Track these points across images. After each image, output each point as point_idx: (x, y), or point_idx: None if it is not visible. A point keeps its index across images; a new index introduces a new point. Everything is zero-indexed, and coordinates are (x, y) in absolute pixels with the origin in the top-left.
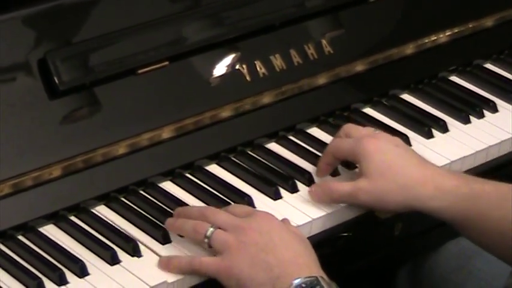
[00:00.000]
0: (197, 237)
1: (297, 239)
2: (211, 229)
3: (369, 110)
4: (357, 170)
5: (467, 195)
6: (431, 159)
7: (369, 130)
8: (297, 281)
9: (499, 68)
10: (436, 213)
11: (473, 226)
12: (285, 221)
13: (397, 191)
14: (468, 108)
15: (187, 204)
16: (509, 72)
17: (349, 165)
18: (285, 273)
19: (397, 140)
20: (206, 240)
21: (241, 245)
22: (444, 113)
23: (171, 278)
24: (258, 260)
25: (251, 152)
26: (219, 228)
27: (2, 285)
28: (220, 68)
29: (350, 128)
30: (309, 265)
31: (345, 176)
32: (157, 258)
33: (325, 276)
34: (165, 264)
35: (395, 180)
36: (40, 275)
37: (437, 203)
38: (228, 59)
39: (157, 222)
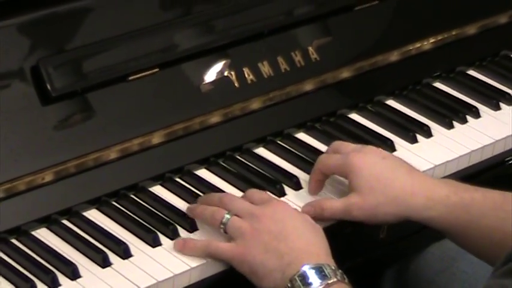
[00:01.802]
0: (214, 224)
1: (310, 228)
2: (228, 216)
3: (354, 116)
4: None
5: (457, 205)
6: (416, 163)
7: (356, 146)
8: (304, 268)
9: (482, 74)
10: (428, 222)
11: (464, 234)
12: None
13: (388, 203)
14: (451, 113)
15: (177, 209)
16: (491, 79)
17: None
18: (295, 261)
19: (384, 153)
20: (222, 226)
21: (255, 232)
22: (428, 118)
23: (160, 277)
24: (271, 247)
25: (240, 156)
26: (236, 215)
27: None
28: (209, 75)
29: (338, 144)
30: (318, 253)
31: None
32: (148, 260)
33: (332, 265)
34: (181, 245)
35: (385, 193)
36: (33, 278)
37: (428, 213)
38: (217, 66)
39: (148, 225)
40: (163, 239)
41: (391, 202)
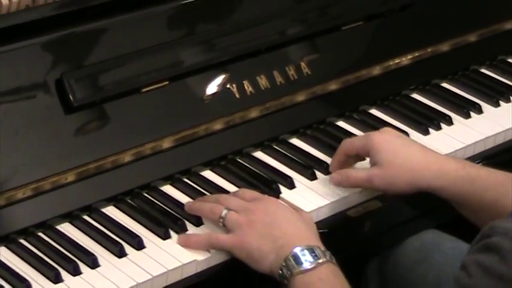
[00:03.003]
0: (214, 218)
1: (299, 217)
2: (225, 211)
3: (341, 123)
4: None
5: (465, 178)
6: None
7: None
8: (296, 249)
9: (454, 86)
10: (438, 191)
11: (469, 204)
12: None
13: (405, 174)
14: (427, 121)
15: (184, 206)
16: (462, 91)
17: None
18: (287, 243)
19: (398, 133)
20: (221, 220)
21: (250, 223)
22: (406, 125)
23: (170, 266)
24: (265, 234)
25: (240, 159)
26: (232, 210)
27: (25, 275)
28: (213, 87)
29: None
30: (308, 237)
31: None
32: (159, 251)
33: (322, 247)
34: (184, 240)
35: (402, 165)
36: (57, 267)
37: (439, 183)
38: (220, 79)
39: (159, 220)
40: (172, 232)
41: (407, 173)
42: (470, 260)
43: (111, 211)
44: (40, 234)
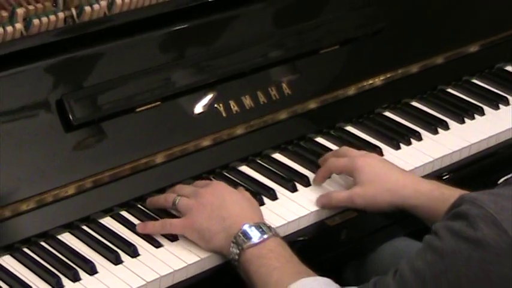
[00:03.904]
0: (167, 205)
1: (245, 198)
2: (178, 198)
3: (320, 139)
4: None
5: (439, 198)
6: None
7: (359, 151)
8: (245, 226)
9: (423, 105)
10: (414, 210)
11: None
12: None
13: (384, 193)
14: (398, 137)
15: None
16: (430, 108)
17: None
18: (235, 222)
19: (381, 158)
20: (174, 206)
21: (200, 206)
22: (379, 141)
23: (163, 272)
24: (214, 215)
25: (227, 173)
26: (184, 196)
27: (28, 282)
28: (202, 107)
29: (345, 149)
30: (253, 217)
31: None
32: (153, 258)
33: (266, 223)
34: (142, 227)
35: (382, 186)
36: (58, 274)
37: (415, 202)
38: (208, 99)
39: None
40: (165, 241)
41: (386, 192)
42: (440, 226)
43: (108, 222)
44: (42, 243)
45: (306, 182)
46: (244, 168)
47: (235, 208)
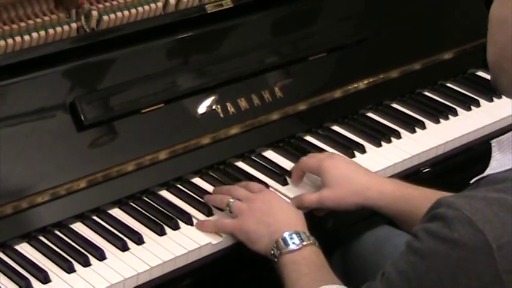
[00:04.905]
0: (222, 206)
1: (290, 207)
2: (232, 200)
3: (308, 138)
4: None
5: (400, 198)
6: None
7: (327, 153)
8: (286, 233)
9: (402, 106)
10: (380, 210)
11: (404, 220)
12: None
13: (350, 195)
14: (380, 136)
15: (178, 208)
16: (409, 110)
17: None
18: (279, 229)
19: (348, 159)
20: (228, 208)
21: (250, 210)
22: (362, 139)
23: (166, 258)
24: (261, 220)
25: (224, 168)
26: (238, 199)
27: (43, 267)
28: (201, 108)
29: (313, 154)
30: (296, 224)
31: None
32: (157, 245)
33: (307, 232)
34: (200, 225)
35: (348, 188)
36: (71, 259)
37: (379, 203)
38: (207, 102)
39: (156, 219)
40: (167, 229)
41: (353, 194)
42: (419, 228)
43: (116, 212)
44: (56, 232)
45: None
46: (240, 164)
47: (281, 216)
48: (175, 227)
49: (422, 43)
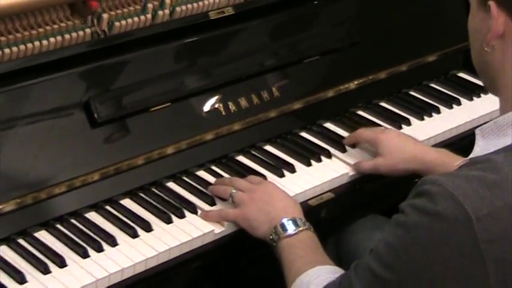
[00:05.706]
0: (225, 196)
1: (288, 197)
2: (234, 191)
3: (303, 134)
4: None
5: (440, 165)
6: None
7: (380, 127)
8: (283, 220)
9: (390, 105)
10: (423, 174)
11: None
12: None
13: (401, 162)
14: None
15: (184, 198)
16: (396, 108)
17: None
18: (277, 216)
19: (399, 132)
20: (230, 198)
21: (252, 200)
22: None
23: (173, 244)
24: (262, 208)
25: (227, 162)
26: (240, 190)
27: (60, 252)
28: (205, 106)
29: (369, 128)
30: (293, 212)
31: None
32: (164, 233)
33: (303, 219)
34: (204, 215)
35: (399, 156)
36: (85, 245)
37: (422, 168)
38: (211, 101)
39: (164, 209)
40: (174, 218)
41: (402, 161)
42: (405, 204)
43: (126, 202)
44: (72, 220)
45: (291, 169)
46: (240, 158)
47: (280, 204)
48: (181, 216)
49: (408, 47)
